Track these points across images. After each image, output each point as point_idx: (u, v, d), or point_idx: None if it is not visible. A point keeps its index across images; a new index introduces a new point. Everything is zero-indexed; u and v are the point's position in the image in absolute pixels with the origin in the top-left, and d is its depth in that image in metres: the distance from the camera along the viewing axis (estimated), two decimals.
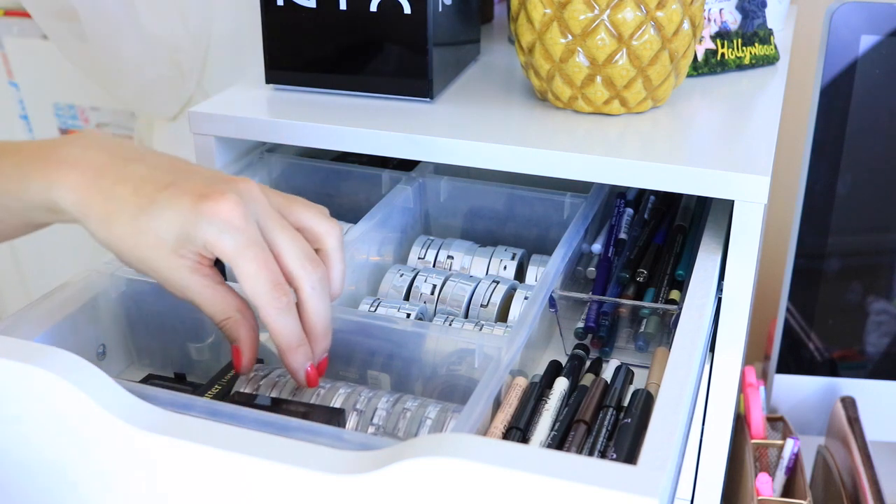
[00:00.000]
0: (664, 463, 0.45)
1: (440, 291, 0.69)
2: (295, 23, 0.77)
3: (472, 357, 0.59)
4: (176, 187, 0.51)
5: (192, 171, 0.54)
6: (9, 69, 1.46)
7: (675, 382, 0.52)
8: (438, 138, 0.70)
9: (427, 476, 0.42)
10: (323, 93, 0.79)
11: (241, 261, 0.51)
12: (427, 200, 0.81)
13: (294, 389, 0.56)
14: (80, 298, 0.61)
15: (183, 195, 0.51)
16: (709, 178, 0.64)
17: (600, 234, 0.78)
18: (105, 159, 0.53)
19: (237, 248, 0.50)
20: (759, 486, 0.81)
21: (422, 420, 0.54)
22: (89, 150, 0.53)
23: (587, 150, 0.68)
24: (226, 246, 0.50)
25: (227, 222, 0.50)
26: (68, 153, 0.53)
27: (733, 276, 0.65)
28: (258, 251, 0.51)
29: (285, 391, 0.56)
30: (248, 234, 0.51)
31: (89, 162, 0.53)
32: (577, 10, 0.69)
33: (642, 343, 0.69)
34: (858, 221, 0.92)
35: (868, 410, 0.93)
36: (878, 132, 0.89)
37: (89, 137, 0.55)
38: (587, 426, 0.56)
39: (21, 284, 1.55)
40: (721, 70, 0.85)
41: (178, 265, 0.52)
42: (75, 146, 0.54)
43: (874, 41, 0.85)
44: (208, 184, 0.52)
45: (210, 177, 0.53)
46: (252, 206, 0.52)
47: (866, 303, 0.95)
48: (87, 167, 0.52)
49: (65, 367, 0.46)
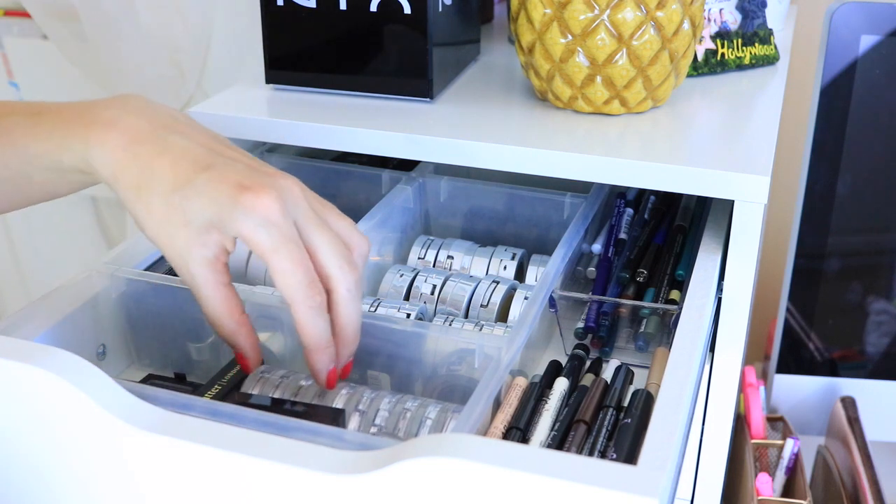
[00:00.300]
0: (664, 463, 0.45)
1: (440, 291, 0.69)
2: (295, 23, 0.77)
3: (472, 357, 0.59)
4: (216, 171, 0.50)
5: (233, 154, 0.53)
6: (9, 69, 1.46)
7: (675, 382, 0.52)
8: (438, 138, 0.70)
9: (427, 476, 0.42)
10: (323, 93, 0.79)
11: (276, 257, 0.50)
12: (427, 200, 0.81)
13: (297, 389, 0.56)
14: (80, 298, 0.61)
15: (222, 182, 0.50)
16: (709, 178, 0.64)
17: (600, 234, 0.78)
18: (145, 125, 0.52)
19: (273, 244, 0.50)
20: (759, 486, 0.81)
21: (422, 420, 0.54)
22: (130, 114, 0.53)
23: (587, 150, 0.68)
24: (262, 240, 0.49)
25: (265, 217, 0.49)
26: (109, 115, 0.52)
27: (733, 276, 0.65)
28: (294, 248, 0.50)
29: (288, 392, 0.56)
30: (284, 230, 0.50)
31: (128, 125, 0.52)
32: (577, 10, 0.69)
33: (642, 343, 0.69)
34: (858, 221, 0.92)
35: (868, 410, 0.93)
36: (878, 132, 0.89)
37: (132, 101, 0.54)
38: (587, 426, 0.56)
39: (21, 284, 1.55)
40: (721, 70, 0.85)
41: (198, 253, 0.51)
42: (116, 108, 0.53)
43: (874, 41, 0.85)
44: (250, 174, 0.51)
45: (251, 166, 0.52)
46: (291, 203, 0.51)
47: (866, 303, 0.95)
48: (126, 130, 0.52)
49: (65, 367, 0.46)
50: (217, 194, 0.50)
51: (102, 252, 1.43)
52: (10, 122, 0.54)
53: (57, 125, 0.53)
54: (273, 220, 0.49)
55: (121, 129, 0.52)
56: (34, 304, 0.59)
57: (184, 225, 0.50)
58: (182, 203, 0.50)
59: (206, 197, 0.50)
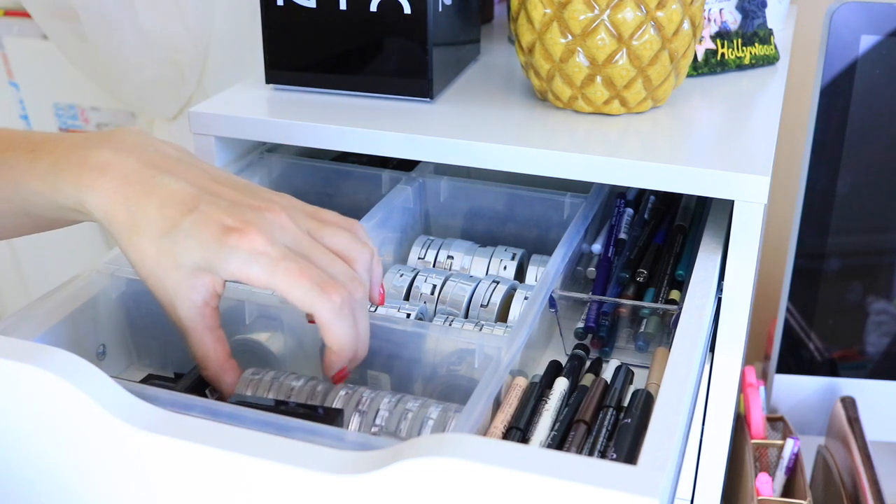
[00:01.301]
0: (664, 463, 0.45)
1: (440, 291, 0.69)
2: (295, 23, 0.77)
3: (472, 357, 0.59)
4: (202, 213, 0.50)
5: (221, 190, 0.52)
6: (9, 69, 1.46)
7: (675, 382, 0.52)
8: (438, 138, 0.70)
9: (427, 476, 0.42)
10: (323, 93, 0.79)
11: (275, 279, 0.49)
12: (427, 200, 0.81)
13: (290, 391, 0.56)
14: (80, 298, 0.61)
15: (208, 224, 0.50)
16: (709, 178, 0.64)
17: (600, 234, 0.78)
18: (134, 166, 0.52)
19: (268, 271, 0.49)
20: (759, 486, 0.81)
21: (424, 420, 0.54)
22: (121, 153, 0.52)
23: (587, 150, 0.68)
24: (255, 273, 0.49)
25: (251, 251, 0.49)
26: (101, 156, 0.52)
27: (733, 276, 0.65)
28: (289, 263, 0.50)
29: (281, 393, 0.56)
30: (274, 254, 0.49)
31: (119, 168, 0.52)
32: (577, 10, 0.69)
33: (642, 343, 0.69)
34: (858, 221, 0.92)
35: (868, 410, 0.93)
36: (878, 132, 0.89)
37: (127, 138, 0.54)
38: (587, 426, 0.56)
39: (21, 284, 1.55)
40: (721, 70, 0.85)
41: (187, 297, 0.51)
42: (108, 148, 0.53)
43: (874, 41, 0.85)
44: (235, 213, 0.50)
45: (238, 202, 0.52)
46: (279, 234, 0.51)
47: (866, 303, 0.95)
48: (116, 173, 0.52)
49: (65, 367, 0.46)
50: (203, 237, 0.50)
51: (102, 252, 1.43)
52: (10, 156, 0.54)
53: (51, 166, 0.53)
54: (261, 250, 0.49)
55: (112, 173, 0.52)
56: (34, 304, 0.59)
57: (174, 268, 0.50)
58: (171, 247, 0.50)
59: (193, 240, 0.50)
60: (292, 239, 0.51)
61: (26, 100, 1.48)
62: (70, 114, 1.46)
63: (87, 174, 0.52)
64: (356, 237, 0.55)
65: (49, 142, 0.54)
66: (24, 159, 0.54)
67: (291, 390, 0.56)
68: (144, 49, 1.13)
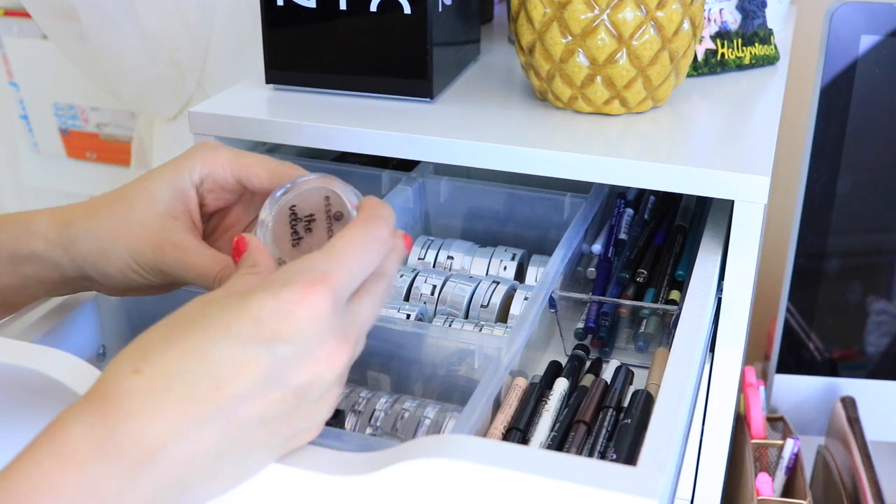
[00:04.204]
0: (664, 463, 0.45)
1: (440, 292, 0.69)
2: (295, 23, 0.77)
3: (472, 358, 0.59)
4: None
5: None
6: (9, 69, 1.46)
7: (675, 383, 0.52)
8: (438, 138, 0.70)
9: (427, 477, 0.42)
10: (323, 93, 0.79)
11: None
12: (427, 200, 0.81)
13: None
14: (80, 299, 0.61)
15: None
16: (709, 178, 0.64)
17: (600, 235, 0.78)
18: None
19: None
20: (759, 486, 0.81)
21: (420, 420, 0.54)
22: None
23: (587, 150, 0.68)
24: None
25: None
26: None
27: (733, 276, 0.65)
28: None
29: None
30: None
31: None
32: (577, 10, 0.69)
33: (642, 343, 0.69)
34: (858, 221, 0.92)
35: (868, 410, 0.93)
36: (878, 132, 0.89)
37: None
38: (587, 427, 0.56)
39: None
40: (721, 70, 0.85)
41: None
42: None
43: (874, 41, 0.85)
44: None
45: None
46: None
47: (866, 303, 0.95)
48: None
49: (65, 368, 0.46)
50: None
51: None
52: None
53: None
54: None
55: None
56: (34, 305, 0.59)
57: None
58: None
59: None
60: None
61: (26, 100, 1.48)
62: (70, 114, 1.46)
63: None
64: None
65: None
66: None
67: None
68: (144, 49, 1.13)
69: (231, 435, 0.41)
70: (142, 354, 0.41)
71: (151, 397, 0.39)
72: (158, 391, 0.39)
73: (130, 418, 0.39)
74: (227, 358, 0.40)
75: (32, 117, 1.50)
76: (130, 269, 0.53)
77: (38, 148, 1.53)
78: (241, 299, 0.42)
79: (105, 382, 0.40)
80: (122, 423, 0.38)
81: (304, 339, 0.41)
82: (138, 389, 0.39)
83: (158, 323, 0.43)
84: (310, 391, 0.42)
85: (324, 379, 0.43)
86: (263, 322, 0.41)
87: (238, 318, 0.41)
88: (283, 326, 0.41)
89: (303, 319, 0.41)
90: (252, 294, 0.42)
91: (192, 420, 0.39)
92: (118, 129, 1.45)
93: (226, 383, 0.40)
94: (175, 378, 0.40)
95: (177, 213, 0.52)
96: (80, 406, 0.40)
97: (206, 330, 0.41)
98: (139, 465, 0.38)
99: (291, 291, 0.41)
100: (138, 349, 0.41)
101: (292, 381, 0.42)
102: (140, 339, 0.42)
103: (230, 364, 0.40)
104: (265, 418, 0.41)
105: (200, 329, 0.41)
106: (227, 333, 0.41)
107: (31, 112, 1.50)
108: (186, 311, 0.42)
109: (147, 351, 0.41)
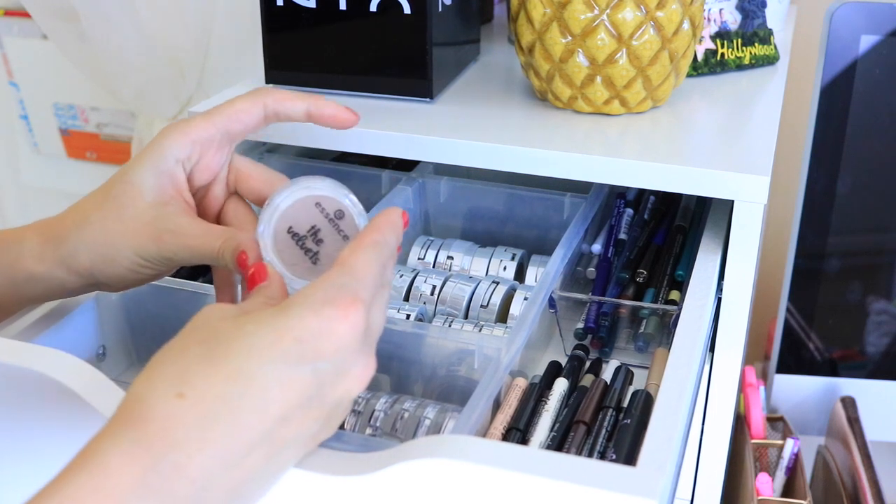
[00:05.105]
0: (664, 464, 0.45)
1: (440, 292, 0.69)
2: (295, 23, 0.77)
3: (472, 358, 0.59)
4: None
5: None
6: (9, 69, 1.46)
7: (674, 383, 0.52)
8: (438, 138, 0.70)
9: (427, 477, 0.42)
10: (323, 93, 0.79)
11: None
12: (427, 200, 0.81)
13: None
14: (80, 299, 0.61)
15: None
16: (709, 178, 0.64)
17: (600, 235, 0.78)
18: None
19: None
20: (759, 486, 0.81)
21: (420, 420, 0.54)
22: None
23: (587, 150, 0.68)
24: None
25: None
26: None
27: (733, 276, 0.65)
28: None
29: None
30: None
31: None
32: (577, 10, 0.69)
33: (642, 343, 0.69)
34: (858, 221, 0.92)
35: (868, 410, 0.93)
36: (878, 132, 0.89)
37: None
38: (587, 427, 0.56)
39: None
40: (721, 70, 0.85)
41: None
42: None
43: (874, 41, 0.85)
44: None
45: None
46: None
47: (866, 303, 0.95)
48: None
49: (65, 368, 0.46)
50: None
51: None
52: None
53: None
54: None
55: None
56: (34, 305, 0.59)
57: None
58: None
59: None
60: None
61: (26, 100, 1.48)
62: (70, 114, 1.46)
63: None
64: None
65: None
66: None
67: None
68: (144, 49, 1.13)
69: (272, 457, 0.40)
70: (182, 378, 0.39)
71: (199, 424, 0.38)
72: (207, 417, 0.38)
73: (178, 447, 0.37)
74: (273, 380, 0.39)
75: (32, 117, 1.50)
76: (139, 265, 0.53)
77: (38, 148, 1.53)
78: (282, 317, 0.41)
79: (143, 405, 0.38)
80: (170, 453, 0.37)
81: (342, 357, 0.41)
82: (184, 415, 0.38)
83: (185, 341, 0.41)
84: (339, 406, 0.43)
85: (352, 394, 0.43)
86: (307, 341, 0.40)
87: (282, 338, 0.40)
88: (325, 345, 0.41)
89: (345, 338, 0.41)
90: (292, 311, 0.41)
91: (242, 447, 0.38)
92: (118, 129, 1.45)
93: (273, 406, 0.39)
94: (222, 403, 0.38)
95: (166, 199, 0.52)
96: (117, 431, 0.37)
97: (251, 351, 0.40)
98: (185, 499, 0.37)
99: (334, 309, 0.41)
100: (176, 372, 0.40)
101: (328, 399, 0.42)
102: (173, 360, 0.40)
103: (276, 386, 0.39)
104: (301, 436, 0.41)
105: (244, 350, 0.40)
106: (271, 354, 0.40)
107: (31, 112, 1.50)
108: (221, 329, 0.41)
109: (187, 373, 0.39)
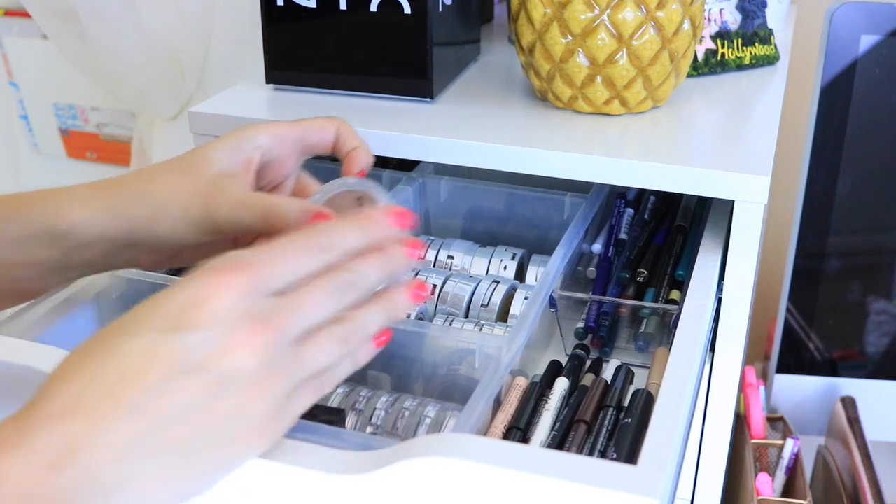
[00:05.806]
0: (664, 463, 0.45)
1: (440, 291, 0.69)
2: (295, 23, 0.77)
3: (473, 357, 0.59)
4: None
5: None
6: (9, 69, 1.46)
7: (675, 382, 0.52)
8: (438, 138, 0.70)
9: (427, 476, 0.42)
10: (323, 93, 0.79)
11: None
12: (427, 200, 0.81)
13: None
14: (80, 298, 0.61)
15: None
16: (709, 178, 0.64)
17: (600, 235, 0.78)
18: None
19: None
20: (759, 486, 0.81)
21: (421, 419, 0.54)
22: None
23: (587, 150, 0.68)
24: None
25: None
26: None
27: (733, 276, 0.65)
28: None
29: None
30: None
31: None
32: (578, 10, 0.69)
33: (642, 343, 0.69)
34: (858, 221, 0.92)
35: (868, 410, 0.93)
36: (878, 132, 0.89)
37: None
38: (587, 426, 0.56)
39: None
40: (721, 70, 0.85)
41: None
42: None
43: (874, 41, 0.85)
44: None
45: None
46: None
47: (866, 303, 0.95)
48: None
49: None
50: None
51: None
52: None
53: None
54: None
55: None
56: (34, 304, 0.59)
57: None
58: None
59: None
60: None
61: (26, 100, 1.49)
62: (70, 114, 1.47)
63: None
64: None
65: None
66: None
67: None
68: (144, 49, 1.13)
69: (148, 430, 0.40)
70: (69, 360, 0.41)
71: (68, 399, 0.40)
72: (75, 393, 0.40)
73: (49, 420, 0.39)
74: (136, 352, 0.40)
75: (32, 117, 1.50)
76: (181, 226, 0.53)
77: (38, 148, 1.53)
78: (160, 294, 0.42)
79: (40, 386, 0.41)
80: (45, 423, 0.39)
81: (220, 325, 0.41)
82: (58, 392, 0.40)
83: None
84: (232, 379, 0.41)
85: (243, 364, 0.41)
86: (176, 312, 0.41)
87: (151, 312, 0.41)
88: (196, 313, 0.40)
89: (215, 304, 0.41)
90: (175, 282, 0.42)
91: (107, 418, 0.39)
92: (118, 129, 1.45)
93: (137, 376, 0.40)
94: (91, 379, 0.40)
95: (235, 172, 0.53)
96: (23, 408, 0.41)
97: (122, 327, 0.41)
98: (53, 464, 0.38)
99: (205, 278, 0.41)
100: (70, 354, 0.42)
101: (211, 369, 0.40)
102: (82, 349, 0.42)
103: (139, 357, 0.40)
104: (185, 410, 0.40)
105: (117, 327, 0.41)
106: (138, 327, 0.41)
107: (31, 112, 1.50)
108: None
109: (73, 355, 0.42)
